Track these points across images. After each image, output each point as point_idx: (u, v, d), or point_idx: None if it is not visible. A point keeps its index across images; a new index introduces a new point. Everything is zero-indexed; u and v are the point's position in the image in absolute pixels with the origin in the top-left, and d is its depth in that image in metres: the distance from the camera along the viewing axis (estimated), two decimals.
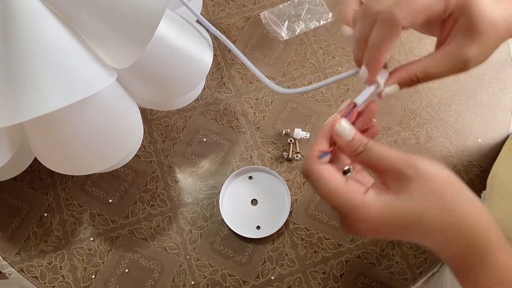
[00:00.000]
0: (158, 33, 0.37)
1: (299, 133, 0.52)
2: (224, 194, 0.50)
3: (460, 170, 0.54)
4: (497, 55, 0.60)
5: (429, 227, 0.27)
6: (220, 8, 0.59)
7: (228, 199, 0.50)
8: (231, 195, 0.50)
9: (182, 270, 0.48)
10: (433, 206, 0.27)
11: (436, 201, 0.27)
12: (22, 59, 0.29)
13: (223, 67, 0.56)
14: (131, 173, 0.51)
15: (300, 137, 0.52)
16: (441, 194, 0.27)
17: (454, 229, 0.27)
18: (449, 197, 0.27)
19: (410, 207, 0.27)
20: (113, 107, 0.38)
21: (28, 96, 0.29)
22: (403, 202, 0.27)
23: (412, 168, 0.27)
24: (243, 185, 0.50)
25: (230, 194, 0.50)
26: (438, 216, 0.27)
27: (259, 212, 0.49)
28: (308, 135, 0.52)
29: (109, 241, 0.48)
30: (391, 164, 0.28)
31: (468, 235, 0.27)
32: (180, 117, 0.53)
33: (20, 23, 0.30)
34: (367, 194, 0.28)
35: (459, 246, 0.28)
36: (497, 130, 0.56)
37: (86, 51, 0.33)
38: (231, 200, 0.50)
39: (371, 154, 0.29)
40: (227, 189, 0.50)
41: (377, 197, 0.28)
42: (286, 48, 0.58)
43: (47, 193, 0.50)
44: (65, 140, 0.36)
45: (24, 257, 0.47)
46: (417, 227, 0.27)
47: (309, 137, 0.52)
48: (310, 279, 0.48)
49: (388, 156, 0.28)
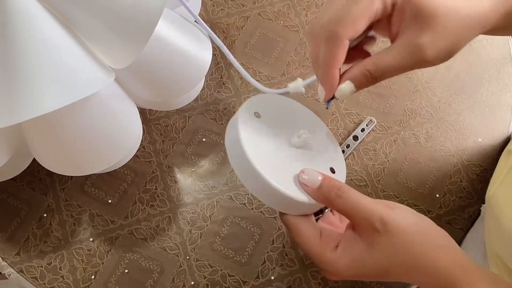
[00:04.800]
0: (157, 33, 0.37)
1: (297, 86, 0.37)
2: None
3: (460, 169, 0.54)
4: (497, 54, 0.60)
5: (398, 276, 0.29)
6: (220, 8, 0.59)
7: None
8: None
9: (181, 270, 0.47)
10: (399, 261, 0.29)
11: (403, 255, 0.29)
12: (19, 59, 0.29)
13: (223, 67, 0.56)
14: (131, 173, 0.51)
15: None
16: (408, 247, 0.29)
17: (426, 274, 0.29)
18: (416, 248, 0.29)
19: (377, 262, 0.29)
20: (112, 107, 0.38)
21: (25, 96, 0.29)
22: (371, 258, 0.29)
23: (382, 223, 0.29)
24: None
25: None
26: (405, 267, 0.29)
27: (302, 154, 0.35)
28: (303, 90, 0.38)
29: (108, 242, 0.48)
30: (365, 215, 0.29)
31: (441, 277, 0.29)
32: (179, 117, 0.53)
33: (17, 23, 0.29)
34: (338, 250, 0.30)
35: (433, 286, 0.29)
36: (497, 129, 0.56)
37: (84, 51, 0.32)
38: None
39: (346, 202, 0.30)
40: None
41: (346, 253, 0.30)
42: (286, 48, 0.58)
43: (46, 193, 0.49)
44: (63, 140, 0.36)
45: (24, 258, 0.47)
46: (387, 276, 0.30)
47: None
48: (310, 279, 0.48)
49: (364, 206, 0.29)
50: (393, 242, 0.28)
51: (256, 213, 0.50)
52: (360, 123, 0.54)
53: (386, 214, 0.29)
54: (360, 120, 0.55)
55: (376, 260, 0.29)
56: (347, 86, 0.30)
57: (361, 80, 0.29)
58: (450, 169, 0.54)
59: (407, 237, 0.29)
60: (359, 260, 0.29)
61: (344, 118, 0.55)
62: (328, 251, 0.30)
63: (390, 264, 0.29)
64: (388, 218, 0.28)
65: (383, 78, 0.29)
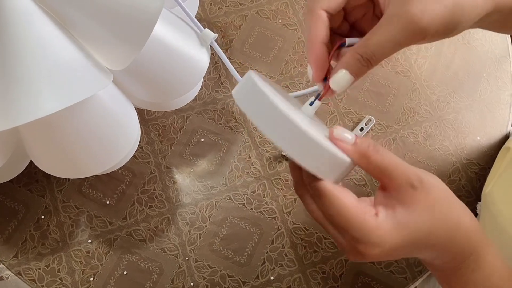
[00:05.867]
0: (155, 33, 0.37)
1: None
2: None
3: (459, 168, 0.54)
4: (495, 52, 0.60)
5: (436, 237, 0.27)
6: (217, 7, 0.59)
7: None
8: None
9: (181, 271, 0.47)
10: (438, 217, 0.27)
11: (439, 212, 0.27)
12: (16, 62, 0.29)
13: (220, 66, 0.56)
14: (129, 174, 0.50)
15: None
16: (446, 204, 0.27)
17: (453, 235, 0.27)
18: (445, 206, 0.27)
19: (420, 222, 0.26)
20: (109, 109, 0.37)
21: (23, 100, 0.29)
22: (413, 218, 0.26)
23: (419, 179, 0.26)
24: None
25: None
26: (442, 225, 0.27)
27: None
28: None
29: (107, 243, 0.48)
30: (403, 171, 0.26)
31: (465, 239, 0.28)
32: (177, 117, 0.53)
33: (13, 25, 0.29)
34: (379, 215, 0.26)
35: (456, 250, 0.28)
36: (495, 128, 0.56)
37: (82, 53, 0.32)
38: None
39: (384, 157, 0.27)
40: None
41: (388, 217, 0.26)
42: (284, 46, 0.57)
43: (43, 195, 0.49)
44: (60, 143, 0.36)
45: (22, 260, 0.47)
46: (427, 240, 0.27)
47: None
48: (309, 279, 0.48)
49: (400, 162, 0.27)
50: (431, 198, 0.26)
51: (255, 213, 0.50)
52: (359, 122, 0.54)
53: (420, 171, 0.27)
54: (359, 119, 0.55)
55: (417, 220, 0.26)
56: (343, 76, 0.27)
57: (355, 65, 0.26)
58: (449, 168, 0.54)
59: (441, 195, 0.27)
60: (400, 223, 0.26)
61: (343, 117, 0.55)
62: (371, 218, 0.26)
63: (433, 222, 0.26)
64: (424, 176, 0.26)
65: (378, 59, 0.26)
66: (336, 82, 0.27)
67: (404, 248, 0.26)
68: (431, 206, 0.26)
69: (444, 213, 0.27)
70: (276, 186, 0.51)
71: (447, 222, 0.27)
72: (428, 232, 0.26)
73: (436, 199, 0.27)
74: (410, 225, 0.26)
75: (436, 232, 0.26)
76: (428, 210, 0.26)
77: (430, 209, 0.26)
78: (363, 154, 0.27)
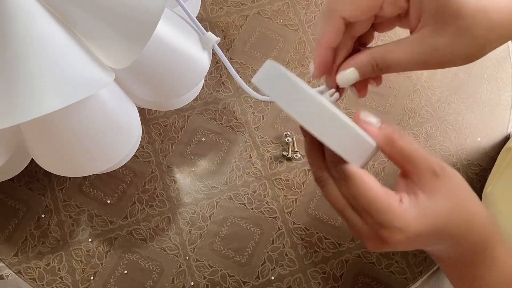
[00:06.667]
0: (157, 33, 0.37)
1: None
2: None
3: (459, 168, 0.54)
4: (495, 53, 0.60)
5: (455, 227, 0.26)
6: (219, 7, 0.59)
7: None
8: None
9: (181, 271, 0.47)
10: (457, 206, 0.26)
11: (459, 200, 0.26)
12: (18, 60, 0.29)
13: (222, 66, 0.56)
14: (129, 173, 0.50)
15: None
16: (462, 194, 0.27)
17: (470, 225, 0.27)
18: (464, 196, 0.27)
19: (442, 209, 0.26)
20: (111, 108, 0.37)
21: (25, 97, 0.29)
22: (436, 204, 0.26)
23: (441, 166, 0.26)
24: None
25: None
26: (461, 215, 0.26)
27: None
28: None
29: (107, 242, 0.48)
30: (425, 157, 0.26)
31: (480, 231, 0.27)
32: (178, 116, 0.53)
33: (16, 23, 0.29)
34: (404, 201, 0.26)
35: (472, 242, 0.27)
36: (496, 129, 0.56)
37: (84, 51, 0.32)
38: None
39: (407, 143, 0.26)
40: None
41: (412, 204, 0.26)
42: (285, 46, 0.57)
43: (44, 194, 0.49)
44: (62, 141, 0.36)
45: (22, 259, 0.47)
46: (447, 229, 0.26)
47: None
48: (310, 279, 0.48)
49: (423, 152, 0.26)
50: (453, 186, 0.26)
51: (256, 213, 0.50)
52: None
53: (440, 160, 0.26)
54: None
55: (439, 208, 0.25)
56: (351, 74, 0.28)
57: (367, 70, 0.27)
58: None
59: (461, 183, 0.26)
60: (423, 210, 0.25)
61: None
62: (397, 203, 0.25)
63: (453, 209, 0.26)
64: (444, 164, 0.26)
65: (390, 71, 0.27)
66: (344, 77, 0.28)
67: (426, 237, 0.26)
68: (452, 194, 0.26)
69: (463, 203, 0.26)
70: (276, 186, 0.51)
71: (465, 211, 0.26)
72: (447, 221, 0.26)
73: (457, 188, 0.26)
74: (433, 213, 0.26)
75: (455, 221, 0.26)
76: (449, 198, 0.26)
77: (451, 197, 0.26)
78: (389, 138, 0.27)
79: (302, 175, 0.51)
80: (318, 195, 0.51)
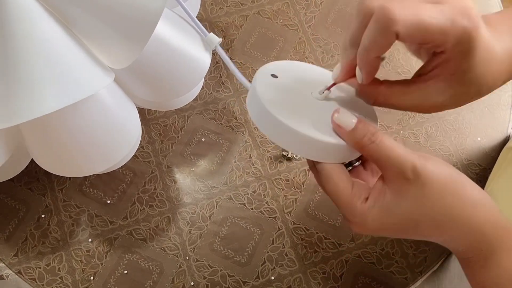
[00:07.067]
0: (157, 32, 0.37)
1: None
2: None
3: (459, 168, 0.54)
4: None
5: (428, 231, 0.28)
6: (218, 7, 0.59)
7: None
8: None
9: (181, 271, 0.47)
10: (430, 213, 0.27)
11: (434, 206, 0.27)
12: (18, 60, 0.29)
13: (222, 66, 0.56)
14: (129, 173, 0.50)
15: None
16: (441, 198, 0.27)
17: (459, 230, 0.27)
18: (449, 200, 0.27)
19: (405, 214, 0.27)
20: (111, 108, 0.37)
21: (24, 97, 0.29)
22: (398, 208, 0.27)
23: (414, 171, 0.27)
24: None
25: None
26: (437, 220, 0.27)
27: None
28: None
29: (107, 242, 0.48)
30: (397, 163, 0.27)
31: (475, 235, 0.27)
32: (178, 116, 0.53)
33: (15, 22, 0.29)
34: (367, 202, 0.28)
35: (465, 245, 0.28)
36: (496, 129, 0.56)
37: (83, 51, 0.32)
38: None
39: (379, 148, 0.27)
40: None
41: (374, 204, 0.28)
42: (285, 46, 0.57)
43: (44, 194, 0.49)
44: (62, 141, 0.36)
45: (22, 259, 0.47)
46: (415, 230, 0.28)
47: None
48: (310, 279, 0.48)
49: (397, 154, 0.27)
50: (424, 192, 0.26)
51: (256, 213, 0.50)
52: None
53: (420, 164, 0.26)
54: None
55: (404, 211, 0.27)
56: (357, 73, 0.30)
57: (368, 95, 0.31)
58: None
59: (440, 187, 0.27)
60: (386, 210, 0.27)
61: None
62: (359, 202, 0.28)
63: (420, 216, 0.27)
64: (421, 167, 0.26)
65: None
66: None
67: (388, 231, 0.29)
68: (422, 197, 0.27)
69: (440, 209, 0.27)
70: (276, 186, 0.51)
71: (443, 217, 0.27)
72: (414, 223, 0.27)
73: (433, 192, 0.27)
74: (393, 212, 0.28)
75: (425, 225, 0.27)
76: (417, 201, 0.27)
77: (421, 200, 0.27)
78: (358, 144, 0.28)
79: (302, 175, 0.51)
80: (318, 195, 0.51)
